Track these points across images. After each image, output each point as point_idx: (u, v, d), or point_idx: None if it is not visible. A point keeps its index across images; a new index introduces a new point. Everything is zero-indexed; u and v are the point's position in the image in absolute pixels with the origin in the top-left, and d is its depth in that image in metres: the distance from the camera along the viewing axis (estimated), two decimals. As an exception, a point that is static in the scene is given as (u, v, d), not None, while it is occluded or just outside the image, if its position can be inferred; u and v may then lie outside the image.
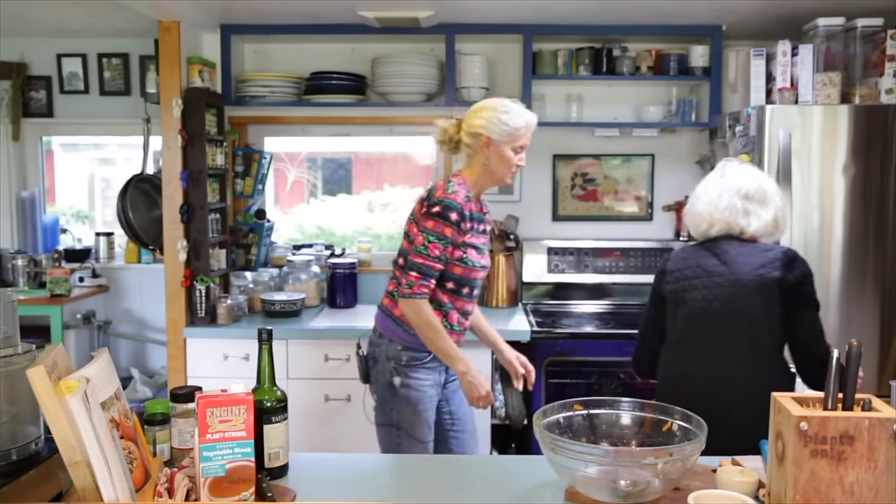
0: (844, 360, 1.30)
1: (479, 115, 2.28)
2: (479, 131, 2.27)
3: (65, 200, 4.44)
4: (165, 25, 3.14)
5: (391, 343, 2.32)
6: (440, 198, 2.22)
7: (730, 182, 2.08)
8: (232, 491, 1.34)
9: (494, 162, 2.29)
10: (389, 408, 2.32)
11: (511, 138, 2.28)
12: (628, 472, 1.39)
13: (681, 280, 2.07)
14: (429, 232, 2.21)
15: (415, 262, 2.21)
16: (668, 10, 3.15)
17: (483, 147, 2.28)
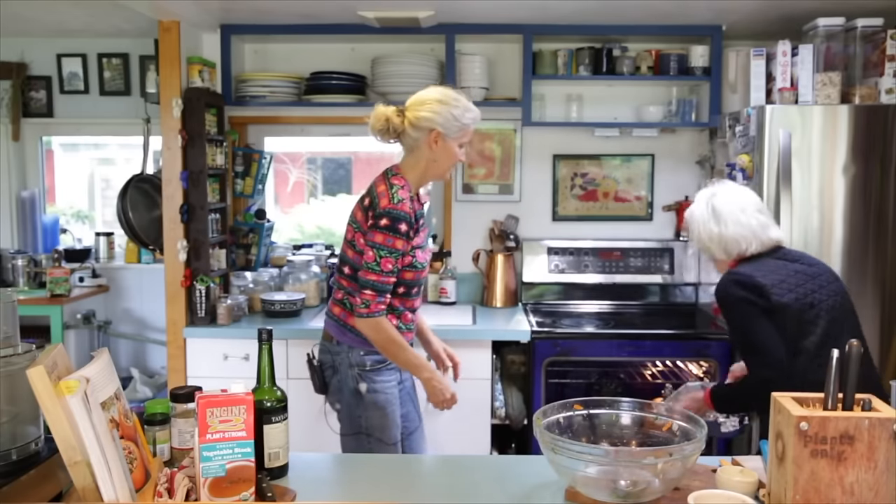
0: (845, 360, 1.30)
1: (428, 108, 2.16)
2: (429, 125, 2.16)
3: (65, 200, 4.44)
4: (165, 25, 3.14)
5: (352, 349, 2.24)
6: (387, 209, 2.12)
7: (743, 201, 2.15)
8: (232, 491, 1.34)
9: (441, 157, 2.20)
10: (357, 415, 2.26)
11: (461, 134, 2.19)
12: (628, 472, 1.39)
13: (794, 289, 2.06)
14: (379, 247, 2.12)
15: (368, 279, 2.13)
16: (668, 10, 3.15)
17: (431, 142, 2.18)
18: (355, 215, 2.26)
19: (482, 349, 3.08)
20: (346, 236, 2.27)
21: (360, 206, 2.26)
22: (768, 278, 2.06)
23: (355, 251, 2.21)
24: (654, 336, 3.13)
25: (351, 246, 2.24)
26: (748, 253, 2.13)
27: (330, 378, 2.31)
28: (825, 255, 2.90)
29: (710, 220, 2.14)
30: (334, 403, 2.33)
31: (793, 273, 2.09)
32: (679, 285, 3.63)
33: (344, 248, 2.28)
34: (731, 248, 2.14)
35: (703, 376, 3.20)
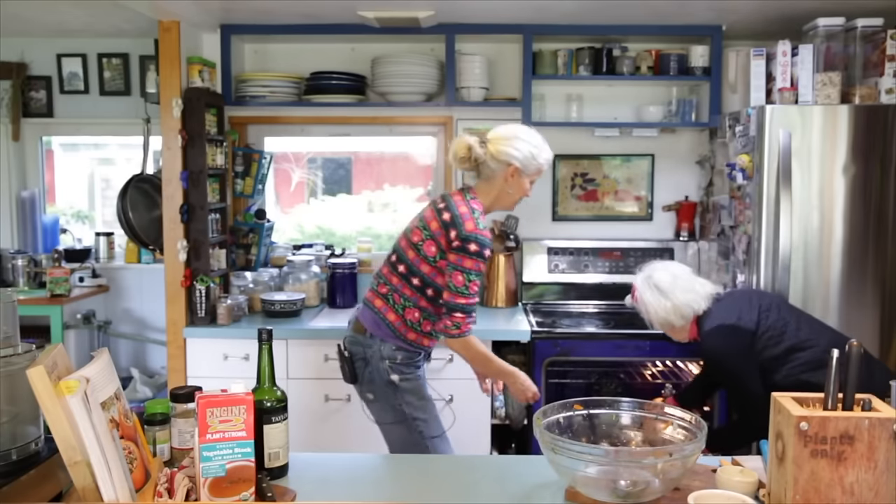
0: (845, 360, 1.31)
1: (511, 145, 2.30)
2: (508, 160, 2.30)
3: (65, 200, 4.44)
4: (165, 25, 3.14)
5: (384, 343, 2.31)
6: (474, 234, 2.24)
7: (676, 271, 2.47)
8: (232, 491, 1.34)
9: (514, 190, 2.37)
10: (398, 403, 2.32)
11: (535, 172, 2.37)
12: (628, 472, 1.39)
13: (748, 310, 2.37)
14: (468, 271, 2.23)
15: (458, 303, 2.24)
16: (668, 10, 3.15)
17: (508, 175, 2.33)
18: (428, 223, 2.31)
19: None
20: (412, 238, 2.32)
21: (436, 216, 2.30)
22: (731, 317, 2.35)
23: (426, 261, 2.29)
24: (654, 336, 3.12)
25: (416, 250, 2.30)
26: (700, 311, 2.41)
27: (362, 369, 2.35)
28: (825, 255, 2.91)
29: (659, 297, 2.42)
30: (367, 394, 2.38)
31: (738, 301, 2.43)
32: (679, 285, 3.63)
33: (404, 246, 2.34)
34: (686, 313, 2.41)
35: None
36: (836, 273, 2.91)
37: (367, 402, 2.41)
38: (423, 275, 2.29)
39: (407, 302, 2.32)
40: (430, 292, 2.30)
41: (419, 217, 2.36)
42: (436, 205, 2.34)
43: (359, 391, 2.42)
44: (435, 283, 2.29)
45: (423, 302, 2.32)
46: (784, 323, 2.34)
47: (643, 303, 2.46)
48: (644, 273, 2.49)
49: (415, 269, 2.29)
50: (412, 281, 2.30)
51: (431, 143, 3.81)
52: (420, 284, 2.30)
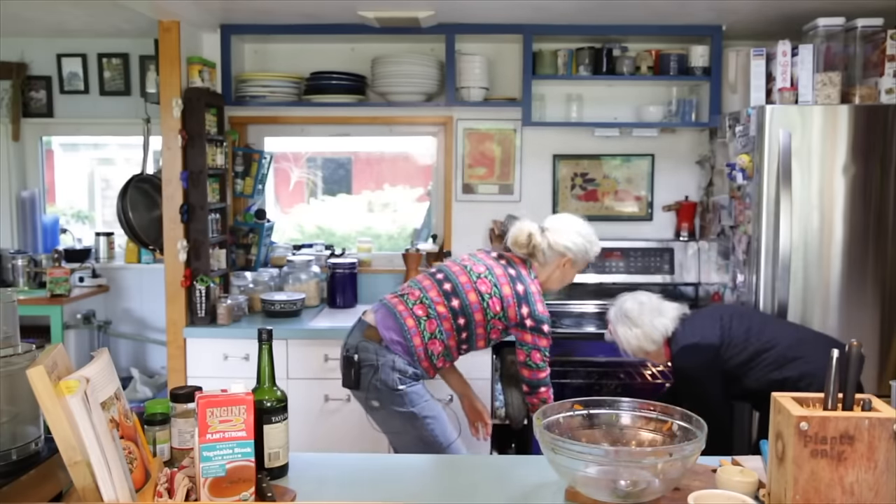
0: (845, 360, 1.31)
1: (568, 238, 2.46)
2: (565, 252, 2.46)
3: (65, 200, 4.44)
4: (165, 25, 3.14)
5: (399, 358, 2.36)
6: (546, 316, 2.42)
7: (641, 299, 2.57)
8: (232, 491, 1.34)
9: (563, 276, 2.54)
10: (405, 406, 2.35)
11: (584, 263, 2.54)
12: (628, 472, 1.39)
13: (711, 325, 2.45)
14: (544, 350, 2.44)
15: (541, 378, 2.46)
16: (668, 10, 3.14)
17: (561, 265, 2.50)
18: (500, 284, 2.42)
19: (483, 352, 3.08)
20: (479, 285, 2.41)
21: (509, 282, 2.42)
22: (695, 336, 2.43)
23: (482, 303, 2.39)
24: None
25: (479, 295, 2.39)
26: (668, 333, 2.49)
27: (368, 376, 2.37)
28: (825, 255, 2.91)
29: (629, 326, 2.51)
30: (371, 401, 2.40)
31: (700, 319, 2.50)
32: (679, 285, 3.63)
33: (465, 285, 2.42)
34: (656, 337, 2.49)
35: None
36: (836, 273, 2.90)
37: (371, 411, 2.42)
38: (473, 320, 2.40)
39: (439, 334, 2.38)
40: (465, 336, 2.42)
41: (487, 268, 2.43)
42: (504, 268, 2.44)
43: (362, 398, 2.42)
44: (474, 331, 2.42)
45: (452, 341, 2.41)
46: (746, 329, 2.41)
47: (616, 334, 2.57)
48: (615, 306, 2.60)
49: (469, 311, 2.39)
50: (458, 319, 2.38)
51: (431, 143, 3.81)
52: (464, 325, 2.39)
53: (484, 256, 2.49)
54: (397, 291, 2.49)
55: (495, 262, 2.45)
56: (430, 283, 2.43)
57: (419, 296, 2.40)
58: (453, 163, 3.69)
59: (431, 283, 2.43)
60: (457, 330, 2.39)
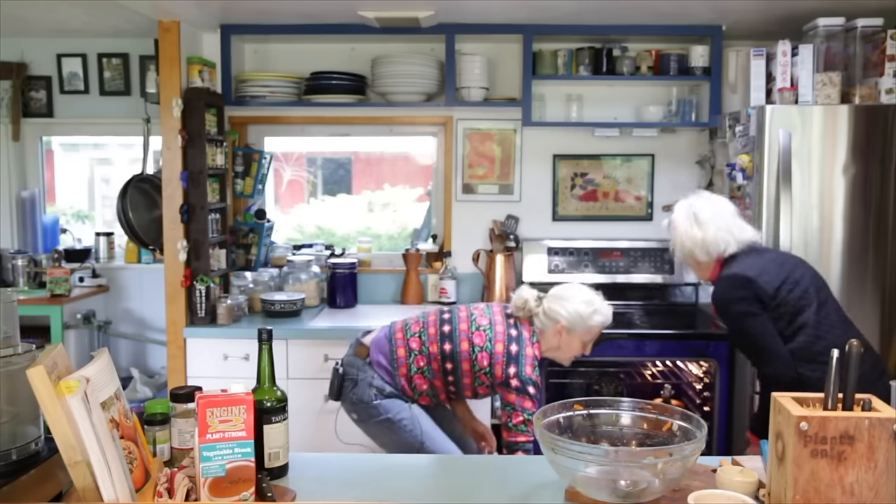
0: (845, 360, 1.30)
1: (561, 305, 2.37)
2: (558, 319, 2.37)
3: (65, 200, 4.44)
4: (165, 25, 3.14)
5: (380, 378, 2.39)
6: (532, 379, 2.33)
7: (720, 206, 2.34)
8: (232, 491, 1.34)
9: (564, 346, 2.42)
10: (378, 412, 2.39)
11: (586, 332, 2.41)
12: (628, 472, 1.39)
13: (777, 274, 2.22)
14: (529, 413, 2.32)
15: (518, 441, 2.34)
16: (668, 10, 3.14)
17: (557, 332, 2.39)
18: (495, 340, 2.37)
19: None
20: (474, 338, 2.37)
21: (504, 340, 2.36)
22: (753, 271, 2.22)
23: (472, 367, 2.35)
24: (654, 336, 3.13)
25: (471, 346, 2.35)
26: (727, 253, 2.29)
27: (349, 389, 2.42)
28: (825, 254, 2.90)
29: (692, 225, 2.31)
30: (351, 414, 2.46)
31: (770, 262, 2.27)
32: (679, 285, 3.63)
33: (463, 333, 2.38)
34: (711, 250, 2.29)
35: (702, 376, 3.20)
36: (836, 273, 2.90)
37: (354, 422, 2.48)
38: (460, 368, 2.37)
39: (427, 372, 2.38)
40: (452, 380, 2.39)
41: (490, 322, 2.40)
42: (509, 327, 2.39)
43: (345, 409, 2.49)
44: (461, 381, 2.39)
45: (439, 381, 2.40)
46: (805, 304, 2.18)
47: (675, 228, 2.36)
48: (688, 200, 2.38)
49: (457, 358, 2.36)
50: (446, 364, 2.37)
51: (431, 143, 3.81)
52: (450, 369, 2.38)
53: (496, 311, 2.46)
54: (406, 320, 2.51)
55: (502, 319, 2.42)
56: (435, 319, 2.45)
57: (420, 329, 2.42)
58: (453, 163, 3.69)
59: (436, 320, 2.44)
60: (443, 373, 2.38)
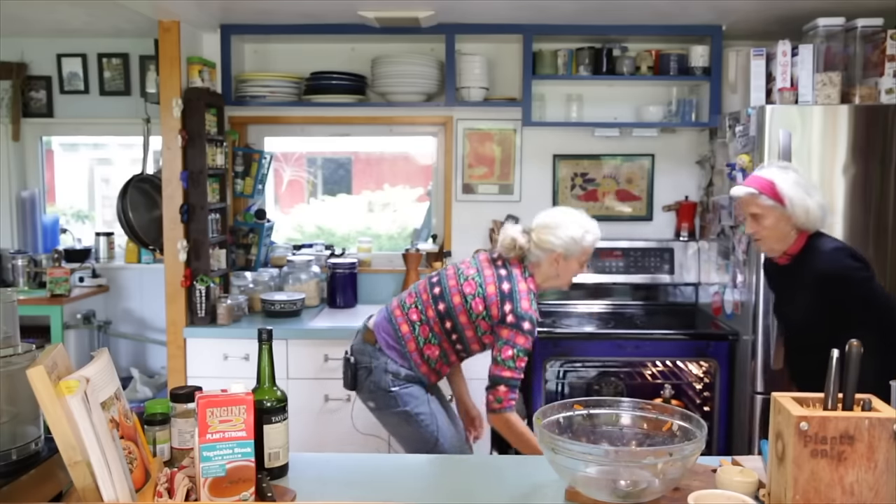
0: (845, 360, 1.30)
1: (552, 234, 2.35)
2: (552, 248, 2.35)
3: (65, 200, 4.44)
4: (165, 25, 3.14)
5: (392, 361, 2.38)
6: (528, 313, 2.29)
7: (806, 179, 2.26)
8: (232, 491, 1.34)
9: (562, 273, 2.40)
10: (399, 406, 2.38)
11: (582, 254, 2.39)
12: (628, 472, 1.39)
13: None
14: (520, 348, 2.27)
15: (503, 376, 2.26)
16: (668, 10, 3.14)
17: (554, 261, 2.37)
18: (486, 284, 2.35)
19: (482, 354, 3.08)
20: (464, 288, 2.36)
21: (495, 281, 2.35)
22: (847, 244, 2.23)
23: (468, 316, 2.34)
24: (654, 336, 3.13)
25: (463, 297, 2.35)
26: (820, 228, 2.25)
27: (364, 378, 2.41)
28: (825, 255, 2.90)
29: (805, 193, 2.21)
30: (368, 402, 2.44)
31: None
32: (679, 285, 3.63)
33: (452, 289, 2.38)
34: (814, 220, 2.22)
35: (702, 376, 3.21)
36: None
37: (370, 411, 2.47)
38: (458, 322, 2.36)
39: (433, 338, 2.38)
40: (455, 338, 2.39)
41: (477, 270, 2.40)
42: (497, 269, 2.39)
43: (361, 399, 2.48)
44: (464, 335, 2.38)
45: (446, 344, 2.40)
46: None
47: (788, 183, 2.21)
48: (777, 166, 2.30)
49: (454, 314, 2.36)
50: (445, 322, 2.37)
51: (431, 143, 3.80)
52: (450, 328, 2.37)
53: (482, 259, 2.47)
54: (400, 295, 2.51)
55: (489, 264, 2.42)
56: (425, 285, 2.45)
57: (414, 300, 2.42)
58: (453, 163, 3.69)
59: (426, 285, 2.45)
60: (446, 334, 2.38)
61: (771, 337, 2.86)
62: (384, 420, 2.45)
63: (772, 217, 2.23)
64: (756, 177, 2.28)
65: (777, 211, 2.22)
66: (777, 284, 2.47)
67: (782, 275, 2.37)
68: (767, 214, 2.24)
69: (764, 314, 2.87)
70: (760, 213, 2.25)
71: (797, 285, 2.29)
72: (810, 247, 2.24)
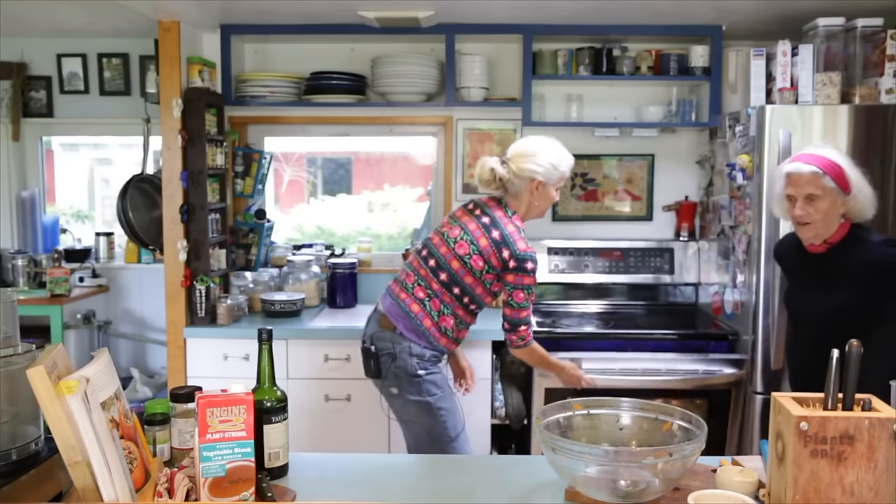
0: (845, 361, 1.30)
1: (532, 161, 2.38)
2: (532, 176, 2.39)
3: (65, 200, 4.44)
4: (165, 25, 3.14)
5: (414, 343, 2.39)
6: (528, 253, 2.35)
7: None
8: (232, 491, 1.34)
9: (540, 201, 2.45)
10: (423, 393, 2.39)
11: (559, 180, 2.45)
12: (628, 472, 1.39)
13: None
14: (528, 288, 2.38)
15: (522, 318, 2.40)
16: (668, 10, 3.14)
17: (533, 189, 2.41)
18: (476, 238, 2.37)
19: (482, 349, 3.08)
20: (457, 249, 2.39)
21: (484, 233, 2.38)
22: None
23: (471, 274, 2.37)
24: (654, 336, 3.13)
25: (460, 260, 2.37)
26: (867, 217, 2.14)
27: (388, 364, 2.41)
28: (825, 255, 2.90)
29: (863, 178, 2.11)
30: (390, 388, 2.44)
31: None
32: (679, 285, 3.63)
33: (446, 255, 2.40)
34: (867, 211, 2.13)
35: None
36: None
37: (389, 398, 2.46)
38: (465, 285, 2.38)
39: (445, 309, 2.39)
40: (467, 300, 2.41)
41: (461, 228, 2.40)
42: (478, 218, 2.40)
43: (381, 386, 2.48)
44: (475, 294, 2.41)
45: (460, 310, 2.42)
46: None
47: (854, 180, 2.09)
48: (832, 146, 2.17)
49: (458, 279, 2.38)
50: (453, 290, 2.38)
51: (431, 143, 3.80)
52: (460, 293, 2.39)
53: (460, 214, 2.46)
54: (398, 278, 2.53)
55: (470, 217, 2.42)
56: (418, 262, 2.46)
57: (415, 279, 2.44)
58: (453, 163, 3.69)
59: (419, 262, 2.46)
60: (457, 299, 2.40)
61: (771, 337, 2.86)
62: (404, 408, 2.43)
63: (828, 201, 2.07)
64: (817, 156, 2.10)
65: (837, 196, 2.07)
66: (805, 274, 2.25)
67: (814, 264, 2.18)
68: (826, 197, 2.07)
69: (764, 314, 2.87)
70: (820, 195, 2.07)
71: (836, 276, 2.12)
72: (855, 237, 2.11)
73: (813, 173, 2.07)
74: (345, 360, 3.09)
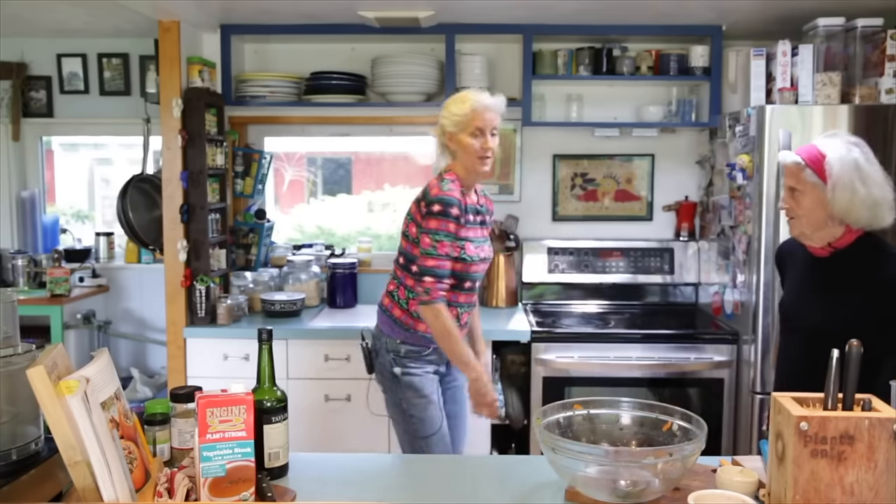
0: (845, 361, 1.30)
1: (442, 116, 2.37)
2: (442, 129, 2.36)
3: (65, 200, 4.44)
4: (165, 25, 3.14)
5: (390, 338, 2.39)
6: (438, 196, 2.25)
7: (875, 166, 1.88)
8: (232, 491, 1.34)
9: (461, 153, 2.33)
10: (399, 398, 2.38)
11: (462, 125, 2.30)
12: (628, 472, 1.39)
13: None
14: (434, 232, 2.23)
15: (426, 265, 2.24)
16: (668, 10, 3.14)
17: (447, 141, 2.36)
18: (410, 210, 2.38)
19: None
20: (402, 228, 2.40)
21: (415, 202, 2.37)
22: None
23: (409, 241, 2.35)
24: (654, 336, 3.13)
25: (405, 237, 2.37)
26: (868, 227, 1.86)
27: (375, 360, 2.45)
28: (825, 255, 2.90)
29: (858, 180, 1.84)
30: (379, 384, 2.47)
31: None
32: (679, 285, 3.63)
33: (401, 240, 2.40)
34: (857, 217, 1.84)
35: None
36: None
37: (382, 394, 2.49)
38: (409, 254, 2.35)
39: (410, 293, 2.36)
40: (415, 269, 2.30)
41: (407, 211, 2.42)
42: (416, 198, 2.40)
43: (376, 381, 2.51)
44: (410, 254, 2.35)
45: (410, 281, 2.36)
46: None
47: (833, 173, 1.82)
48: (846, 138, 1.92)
49: (406, 252, 2.37)
50: (410, 268, 2.35)
51: (431, 143, 3.79)
52: (404, 263, 2.38)
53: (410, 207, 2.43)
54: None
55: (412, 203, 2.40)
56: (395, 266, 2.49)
57: (390, 277, 2.48)
58: (453, 163, 3.69)
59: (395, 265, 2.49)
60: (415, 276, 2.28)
61: (771, 337, 2.86)
62: (388, 406, 2.46)
63: (812, 198, 1.86)
64: (811, 145, 1.90)
65: (818, 192, 1.85)
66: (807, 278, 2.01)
67: (817, 269, 1.97)
68: (808, 193, 1.87)
69: (764, 314, 2.88)
70: (801, 189, 1.88)
71: (843, 286, 1.90)
72: (869, 244, 1.88)
73: (795, 164, 1.88)
74: (345, 360, 3.09)
